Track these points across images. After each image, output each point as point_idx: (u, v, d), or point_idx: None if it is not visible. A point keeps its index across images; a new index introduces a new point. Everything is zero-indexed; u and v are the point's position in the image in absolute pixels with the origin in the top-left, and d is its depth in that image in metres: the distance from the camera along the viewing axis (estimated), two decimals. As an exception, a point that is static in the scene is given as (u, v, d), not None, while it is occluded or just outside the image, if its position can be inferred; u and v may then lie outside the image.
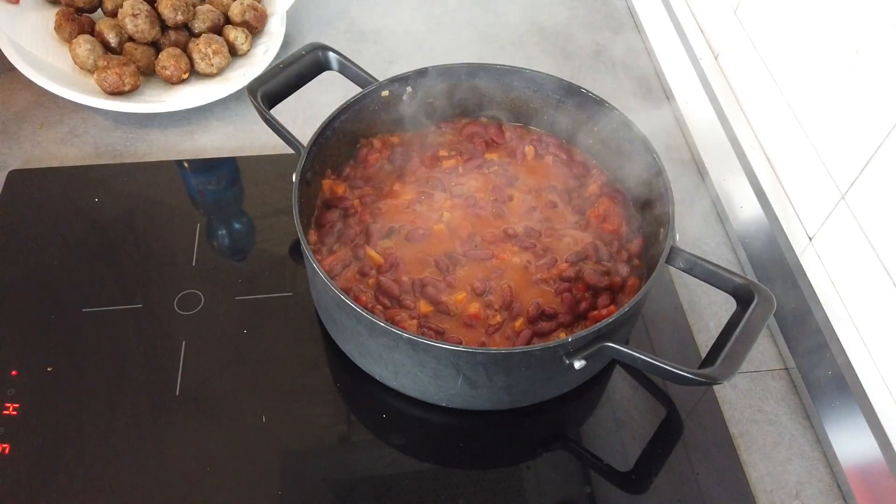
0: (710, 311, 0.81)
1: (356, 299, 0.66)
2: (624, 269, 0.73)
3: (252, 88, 0.76)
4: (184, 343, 0.74)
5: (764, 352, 0.78)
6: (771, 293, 0.63)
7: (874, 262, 0.66)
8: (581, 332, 0.61)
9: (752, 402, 0.74)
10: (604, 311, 0.69)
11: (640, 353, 0.61)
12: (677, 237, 0.68)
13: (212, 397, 0.70)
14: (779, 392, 0.75)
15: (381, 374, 0.70)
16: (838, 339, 0.70)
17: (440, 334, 0.68)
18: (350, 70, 0.81)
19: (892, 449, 0.64)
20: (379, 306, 0.70)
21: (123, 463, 0.66)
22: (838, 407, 0.69)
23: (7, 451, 0.66)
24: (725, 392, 0.74)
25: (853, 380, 0.68)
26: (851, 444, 0.68)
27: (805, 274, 0.75)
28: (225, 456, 0.67)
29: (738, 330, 0.61)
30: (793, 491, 0.69)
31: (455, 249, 0.74)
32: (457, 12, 1.16)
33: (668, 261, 0.67)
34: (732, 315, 0.64)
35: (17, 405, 0.68)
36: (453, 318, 0.69)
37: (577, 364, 0.61)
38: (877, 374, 0.66)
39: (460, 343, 0.67)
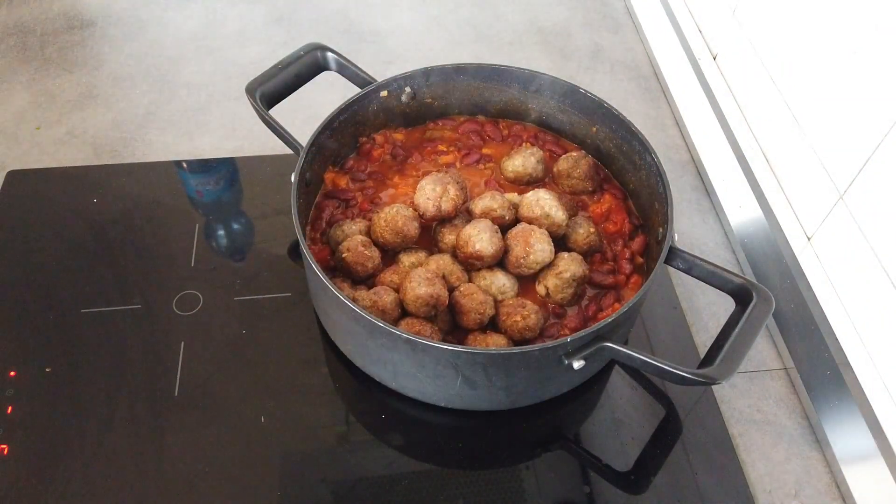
0: (708, 311, 0.81)
1: (354, 299, 0.66)
2: (627, 267, 0.73)
3: (251, 89, 0.76)
4: (182, 344, 0.74)
5: (762, 352, 0.78)
6: (769, 293, 0.63)
7: (872, 262, 0.66)
8: (580, 333, 0.60)
9: (750, 401, 0.74)
10: (610, 311, 0.69)
11: (638, 353, 0.61)
12: (676, 237, 0.68)
13: (211, 398, 0.70)
14: (778, 392, 0.75)
15: (380, 375, 0.70)
16: (837, 339, 0.70)
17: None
18: (348, 70, 0.81)
19: (891, 448, 0.64)
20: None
21: (122, 464, 0.66)
22: (837, 406, 0.69)
23: (6, 451, 0.66)
24: (724, 392, 0.74)
25: (851, 379, 0.68)
26: (850, 443, 0.68)
27: (804, 274, 0.75)
28: (224, 457, 0.67)
29: (736, 330, 0.61)
30: (791, 490, 0.69)
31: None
32: (455, 12, 1.16)
33: (667, 261, 0.67)
34: (731, 315, 0.64)
35: (15, 406, 0.68)
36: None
37: (576, 364, 0.61)
38: (875, 373, 0.66)
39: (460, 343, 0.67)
